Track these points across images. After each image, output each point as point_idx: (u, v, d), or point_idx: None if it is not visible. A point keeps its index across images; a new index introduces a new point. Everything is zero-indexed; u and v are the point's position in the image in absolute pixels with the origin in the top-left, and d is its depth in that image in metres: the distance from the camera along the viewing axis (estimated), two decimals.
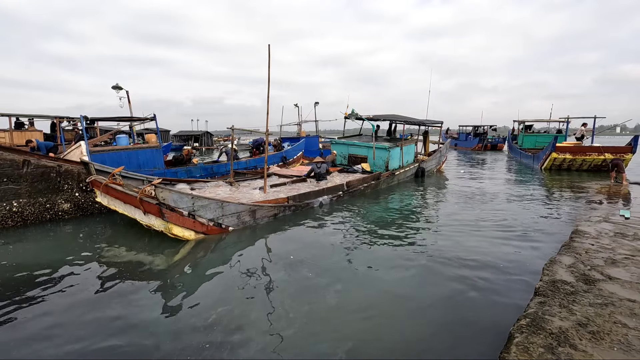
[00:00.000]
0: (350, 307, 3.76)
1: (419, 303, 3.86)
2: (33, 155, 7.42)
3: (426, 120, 14.36)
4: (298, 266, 4.79)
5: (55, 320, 3.51)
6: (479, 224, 6.82)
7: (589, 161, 14.98)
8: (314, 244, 5.74)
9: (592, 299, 3.34)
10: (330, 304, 3.81)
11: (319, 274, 4.56)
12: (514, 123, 25.51)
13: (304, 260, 4.98)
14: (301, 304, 3.81)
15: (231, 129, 8.84)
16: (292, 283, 4.31)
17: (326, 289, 4.15)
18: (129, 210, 6.07)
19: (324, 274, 4.57)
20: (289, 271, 4.65)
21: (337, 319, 3.53)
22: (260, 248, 5.65)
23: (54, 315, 3.61)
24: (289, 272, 4.61)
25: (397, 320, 3.55)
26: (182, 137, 36.00)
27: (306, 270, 4.67)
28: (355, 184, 9.43)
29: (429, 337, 3.27)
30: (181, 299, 3.93)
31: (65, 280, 4.42)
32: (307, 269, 4.68)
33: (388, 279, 4.45)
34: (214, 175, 11.49)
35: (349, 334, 3.27)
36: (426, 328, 3.41)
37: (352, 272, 4.68)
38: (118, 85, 11.57)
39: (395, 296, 4.03)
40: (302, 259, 5.05)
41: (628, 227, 5.79)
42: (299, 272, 4.62)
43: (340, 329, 3.35)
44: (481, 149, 32.61)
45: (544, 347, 2.59)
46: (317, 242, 5.84)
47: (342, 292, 4.09)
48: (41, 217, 6.96)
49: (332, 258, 5.12)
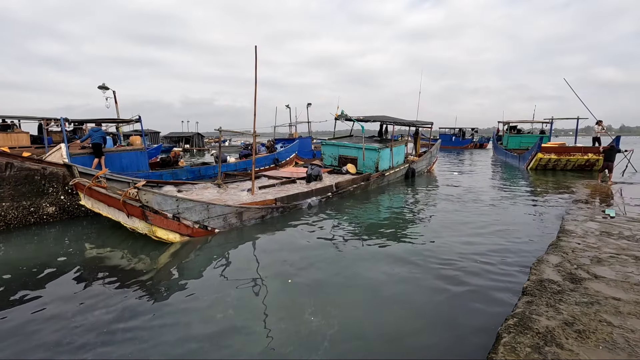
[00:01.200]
0: (336, 309, 3.70)
1: (406, 304, 3.83)
2: (16, 158, 7.25)
3: (416, 122, 14.42)
4: (284, 267, 4.73)
5: (37, 326, 3.40)
6: (468, 224, 6.83)
7: (573, 161, 15.35)
8: (300, 245, 5.67)
9: (578, 297, 3.34)
10: (316, 305, 3.75)
11: (305, 275, 4.51)
12: (498, 124, 25.80)
13: (289, 262, 4.92)
14: (286, 305, 3.75)
15: (219, 130, 8.74)
16: (277, 284, 4.25)
17: (312, 290, 4.09)
18: (113, 213, 5.95)
19: (310, 275, 4.52)
20: (274, 273, 4.59)
21: (321, 321, 3.47)
22: (246, 250, 5.58)
23: (35, 320, 3.50)
24: (274, 274, 4.55)
25: (384, 320, 3.50)
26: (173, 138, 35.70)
27: (292, 271, 4.61)
28: (345, 185, 9.39)
29: (417, 338, 3.24)
30: (165, 302, 3.84)
31: (48, 284, 4.31)
32: (293, 271, 4.63)
33: (375, 280, 4.41)
34: (201, 177, 11.36)
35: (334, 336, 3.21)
36: (414, 329, 3.37)
37: (338, 273, 4.62)
38: (104, 86, 11.39)
39: (382, 296, 3.99)
40: (288, 260, 4.99)
41: (613, 226, 5.85)
42: (284, 273, 4.55)
43: (325, 331, 3.29)
44: (471, 147, 37.89)
45: (531, 346, 2.57)
46: (304, 243, 5.78)
47: (328, 294, 4.04)
48: (25, 220, 6.78)
49: (319, 259, 5.05)
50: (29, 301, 3.91)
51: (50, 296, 4.02)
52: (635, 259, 4.32)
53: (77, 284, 4.33)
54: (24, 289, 4.18)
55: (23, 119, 14.08)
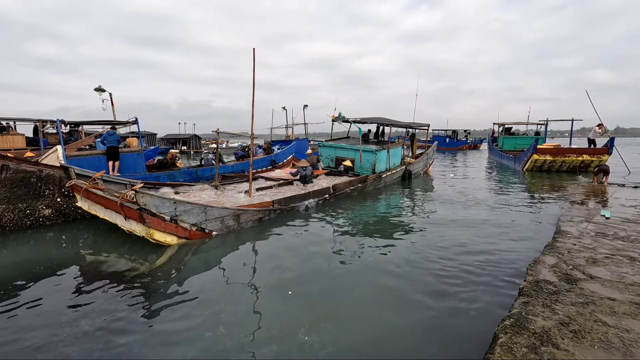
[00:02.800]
0: (333, 312, 3.71)
1: (403, 305, 3.85)
2: (12, 160, 7.22)
3: (413, 123, 14.46)
4: (280, 270, 4.74)
5: (30, 330, 3.38)
6: (465, 226, 6.86)
7: (568, 162, 15.50)
8: (297, 247, 5.67)
9: (574, 298, 3.37)
10: (313, 307, 3.76)
11: (302, 277, 4.52)
12: (494, 125, 25.91)
13: (286, 264, 4.93)
14: (283, 308, 3.75)
15: (217, 132, 8.74)
16: (273, 287, 4.24)
17: (309, 293, 4.10)
18: (110, 216, 5.93)
19: (307, 277, 4.53)
20: (271, 275, 4.59)
21: (318, 323, 3.47)
22: (243, 252, 5.57)
23: (29, 325, 3.49)
24: (271, 276, 4.55)
25: (382, 322, 3.51)
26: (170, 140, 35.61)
27: (289, 274, 4.62)
28: (342, 187, 9.41)
29: (414, 338, 3.25)
30: (163, 304, 3.84)
31: (43, 288, 4.29)
32: (290, 273, 4.63)
33: (372, 282, 4.43)
34: (198, 179, 11.33)
35: (331, 338, 3.22)
36: (412, 329, 3.39)
37: (334, 275, 4.63)
38: (101, 88, 11.36)
39: (379, 298, 4.01)
40: (284, 262, 4.99)
41: (608, 227, 5.89)
42: (281, 275, 4.56)
43: (322, 333, 3.30)
44: (466, 149, 39.57)
45: (527, 347, 2.59)
46: (301, 246, 5.78)
47: (324, 296, 4.05)
48: (21, 223, 6.75)
49: (316, 262, 5.07)
50: (23, 305, 3.88)
51: (45, 300, 3.99)
52: (630, 260, 4.35)
53: (73, 288, 4.30)
54: (19, 293, 4.16)
55: (18, 121, 14.02)
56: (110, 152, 9.81)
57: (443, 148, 38.01)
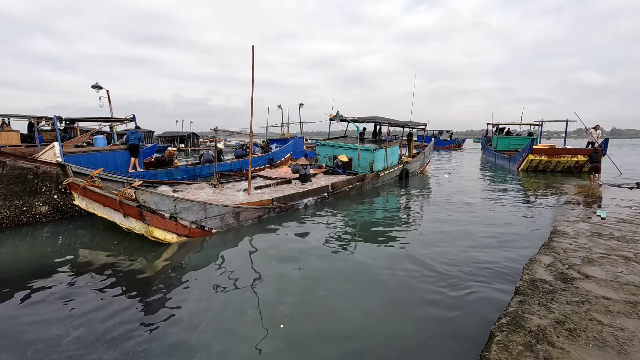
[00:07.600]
0: (331, 311, 3.74)
1: (401, 304, 3.88)
2: (8, 156, 7.18)
3: (410, 122, 14.51)
4: (280, 268, 4.76)
5: (25, 328, 3.39)
6: (461, 225, 6.92)
7: (562, 163, 15.61)
8: (297, 245, 5.70)
9: (569, 297, 3.42)
10: (314, 307, 3.80)
11: (302, 275, 4.54)
12: (487, 126, 26.01)
13: (286, 262, 4.95)
14: (283, 306, 3.77)
15: (215, 130, 8.74)
16: (274, 285, 4.26)
17: (308, 291, 4.12)
18: (108, 213, 5.92)
19: (306, 275, 4.56)
20: (271, 273, 4.61)
21: (319, 322, 3.51)
22: (243, 250, 5.58)
23: (25, 323, 3.48)
24: (271, 274, 4.57)
25: (379, 320, 3.55)
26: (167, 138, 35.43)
27: (289, 271, 4.64)
28: (340, 186, 9.44)
29: (410, 336, 3.28)
30: (162, 303, 3.85)
31: (40, 286, 4.27)
32: (290, 271, 4.66)
33: (369, 280, 4.46)
34: (196, 177, 11.32)
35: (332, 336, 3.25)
36: (408, 328, 3.42)
37: (333, 273, 4.66)
38: (98, 85, 11.30)
39: (376, 296, 4.04)
40: (284, 260, 5.02)
41: (604, 227, 5.96)
42: (281, 273, 4.58)
43: (323, 331, 3.33)
44: (453, 148, 41.60)
45: (523, 345, 2.63)
46: (301, 243, 5.81)
47: (324, 295, 4.08)
48: (17, 220, 6.72)
49: (316, 260, 5.09)
50: (19, 303, 3.87)
51: (41, 298, 3.97)
52: (625, 259, 4.41)
53: (69, 286, 4.28)
54: (14, 290, 4.14)
55: (13, 117, 13.91)
56: (132, 149, 10.45)
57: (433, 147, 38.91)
